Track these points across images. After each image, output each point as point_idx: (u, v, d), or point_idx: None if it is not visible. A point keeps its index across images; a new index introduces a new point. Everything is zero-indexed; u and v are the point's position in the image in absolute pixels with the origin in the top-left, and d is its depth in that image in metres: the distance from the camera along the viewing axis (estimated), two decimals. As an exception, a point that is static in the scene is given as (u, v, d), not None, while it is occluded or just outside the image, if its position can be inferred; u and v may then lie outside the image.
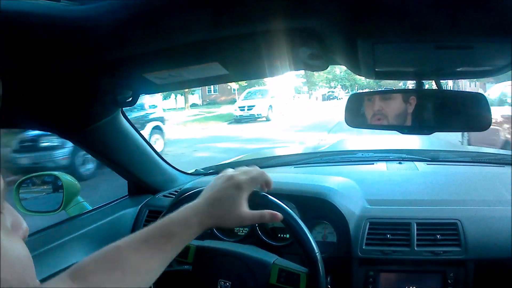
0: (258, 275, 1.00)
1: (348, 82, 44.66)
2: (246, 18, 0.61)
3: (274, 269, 1.00)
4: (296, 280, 0.97)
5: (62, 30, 0.60)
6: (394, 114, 0.88)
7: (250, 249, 1.09)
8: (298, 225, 0.94)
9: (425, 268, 1.08)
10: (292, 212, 0.94)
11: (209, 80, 0.97)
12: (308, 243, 0.93)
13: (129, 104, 1.09)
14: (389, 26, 0.59)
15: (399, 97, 0.87)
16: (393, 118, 0.89)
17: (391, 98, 0.88)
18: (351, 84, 45.39)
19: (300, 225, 0.94)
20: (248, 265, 1.02)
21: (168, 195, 1.49)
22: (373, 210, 1.20)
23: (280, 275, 0.99)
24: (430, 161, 1.62)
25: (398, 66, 0.87)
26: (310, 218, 1.18)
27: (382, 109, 0.88)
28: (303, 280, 0.96)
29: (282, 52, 0.78)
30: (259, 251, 1.09)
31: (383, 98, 0.90)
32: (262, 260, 1.02)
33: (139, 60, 0.78)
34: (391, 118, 0.89)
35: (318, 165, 1.70)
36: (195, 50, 0.75)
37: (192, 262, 1.07)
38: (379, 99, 0.89)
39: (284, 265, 1.00)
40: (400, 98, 0.87)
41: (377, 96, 0.91)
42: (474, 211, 1.16)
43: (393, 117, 0.88)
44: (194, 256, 1.07)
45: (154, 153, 1.45)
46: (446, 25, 0.56)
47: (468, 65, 0.84)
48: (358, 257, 1.11)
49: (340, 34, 0.65)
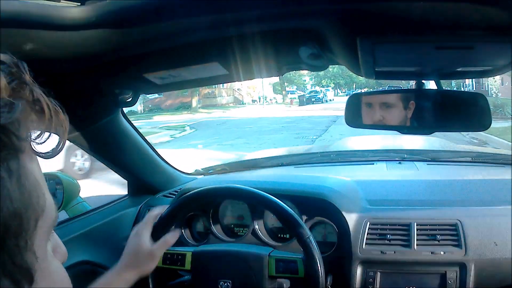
0: (257, 270, 1.01)
1: (343, 79, 38.10)
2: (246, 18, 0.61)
3: (271, 261, 1.01)
4: (294, 268, 0.99)
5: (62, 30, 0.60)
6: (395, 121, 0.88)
7: (244, 246, 1.10)
8: (283, 208, 0.97)
9: (425, 268, 1.08)
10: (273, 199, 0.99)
11: (209, 80, 0.97)
12: (297, 226, 0.95)
13: (129, 104, 1.09)
14: (389, 26, 0.59)
15: (400, 105, 0.87)
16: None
17: (392, 106, 0.88)
18: (347, 82, 38.92)
19: (283, 208, 0.97)
20: (245, 262, 1.03)
21: (168, 195, 1.49)
22: (373, 210, 1.20)
23: (277, 265, 1.00)
24: (430, 161, 1.62)
25: (398, 66, 0.87)
26: (310, 218, 1.19)
27: (383, 118, 0.89)
28: (301, 265, 0.98)
29: (282, 52, 0.78)
30: (253, 246, 1.10)
31: (384, 106, 0.90)
32: (258, 254, 1.04)
33: (139, 60, 0.78)
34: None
35: (318, 165, 1.70)
36: (195, 50, 0.75)
37: (190, 269, 1.07)
38: (379, 108, 0.89)
39: (280, 256, 1.01)
40: (400, 105, 0.87)
41: (377, 105, 0.90)
42: (474, 211, 1.16)
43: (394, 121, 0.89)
44: (191, 263, 1.07)
45: (154, 153, 1.45)
46: (446, 25, 0.56)
47: (468, 65, 0.84)
48: (358, 257, 1.11)
49: (340, 34, 0.65)
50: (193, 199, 1.10)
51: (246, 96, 32.74)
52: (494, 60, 0.77)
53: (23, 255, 0.29)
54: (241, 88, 32.58)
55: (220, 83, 1.13)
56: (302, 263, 0.98)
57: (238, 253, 1.05)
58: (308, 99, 30.10)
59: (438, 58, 0.76)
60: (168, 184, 1.55)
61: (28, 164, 0.31)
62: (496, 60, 0.76)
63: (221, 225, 1.32)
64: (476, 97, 0.83)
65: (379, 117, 0.89)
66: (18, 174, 0.29)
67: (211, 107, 27.04)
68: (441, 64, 0.82)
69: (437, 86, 0.87)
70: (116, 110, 1.18)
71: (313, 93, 32.60)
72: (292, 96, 33.06)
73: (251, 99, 31.09)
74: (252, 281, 1.00)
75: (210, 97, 29.74)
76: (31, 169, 0.31)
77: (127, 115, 1.26)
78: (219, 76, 0.91)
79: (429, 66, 0.83)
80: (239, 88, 32.43)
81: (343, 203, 1.19)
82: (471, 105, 0.83)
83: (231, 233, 1.30)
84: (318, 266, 0.95)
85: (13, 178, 0.29)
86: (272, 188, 1.18)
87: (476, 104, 0.82)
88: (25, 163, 0.30)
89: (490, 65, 0.80)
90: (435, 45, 0.66)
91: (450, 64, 0.82)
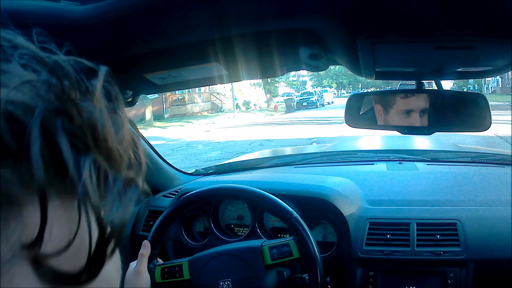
0: (253, 262, 1.02)
1: (346, 78, 34.10)
2: (246, 18, 0.61)
3: (264, 250, 1.02)
4: (287, 250, 1.00)
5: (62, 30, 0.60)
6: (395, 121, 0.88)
7: (236, 243, 1.11)
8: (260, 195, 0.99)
9: (425, 268, 1.08)
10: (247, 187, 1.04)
11: (209, 80, 0.97)
12: (281, 209, 0.96)
13: (129, 104, 1.09)
14: (389, 26, 0.59)
15: (418, 110, 0.87)
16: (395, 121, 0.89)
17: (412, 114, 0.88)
18: (351, 82, 34.91)
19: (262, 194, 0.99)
20: (240, 257, 1.03)
21: (168, 195, 1.49)
22: (373, 210, 1.20)
23: (272, 253, 1.01)
24: (430, 161, 1.62)
25: (398, 66, 0.87)
26: (310, 218, 1.18)
27: (384, 119, 0.89)
28: (294, 246, 0.99)
29: (282, 52, 0.78)
30: (244, 242, 1.11)
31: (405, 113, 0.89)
32: (250, 247, 1.05)
33: (139, 60, 0.78)
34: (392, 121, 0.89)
35: (318, 165, 1.70)
36: (195, 50, 0.75)
37: (189, 278, 1.07)
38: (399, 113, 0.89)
39: (271, 243, 1.03)
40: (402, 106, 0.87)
41: (398, 110, 0.90)
42: (474, 211, 1.16)
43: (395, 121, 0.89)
44: (189, 272, 1.08)
45: (154, 153, 1.45)
46: (446, 25, 0.56)
47: (468, 65, 0.84)
48: (358, 257, 1.11)
49: (340, 34, 0.65)
50: (193, 199, 1.10)
51: (230, 101, 25.24)
52: (494, 60, 0.77)
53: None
54: (224, 92, 26.35)
55: (220, 83, 1.12)
56: (294, 244, 1.00)
57: (231, 251, 1.06)
58: (299, 104, 23.80)
59: (438, 58, 0.76)
60: (168, 184, 1.55)
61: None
62: (496, 60, 0.76)
63: (221, 225, 1.32)
64: (476, 97, 0.83)
65: (392, 121, 0.89)
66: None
67: (178, 118, 20.83)
68: (441, 64, 0.82)
69: (437, 86, 0.87)
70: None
71: (306, 96, 25.43)
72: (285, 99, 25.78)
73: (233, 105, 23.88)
74: (251, 274, 1.01)
75: (180, 104, 23.04)
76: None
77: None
78: (219, 76, 0.91)
79: (429, 66, 0.83)
80: (219, 93, 26.18)
81: (343, 203, 1.19)
82: (471, 106, 0.83)
83: (231, 233, 1.30)
84: (309, 242, 0.97)
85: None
86: (272, 188, 1.18)
87: (476, 104, 0.82)
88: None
89: (490, 65, 0.80)
90: (435, 45, 0.66)
91: (450, 64, 0.82)
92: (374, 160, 1.66)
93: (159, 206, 1.42)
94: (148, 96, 15.60)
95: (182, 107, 23.23)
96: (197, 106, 24.48)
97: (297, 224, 0.99)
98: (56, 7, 0.59)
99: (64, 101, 0.19)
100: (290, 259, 1.00)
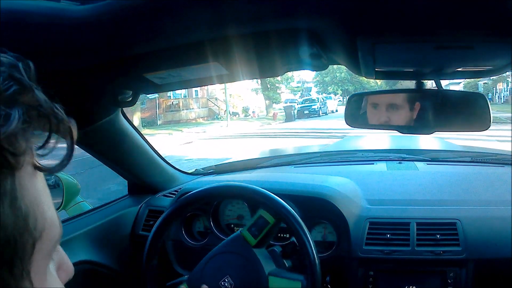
0: (240, 250, 1.05)
1: (352, 85, 33.18)
2: (246, 18, 0.61)
3: (245, 234, 1.06)
4: (263, 221, 1.05)
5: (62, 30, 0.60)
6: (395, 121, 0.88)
7: (220, 244, 1.11)
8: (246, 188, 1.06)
9: (425, 268, 1.08)
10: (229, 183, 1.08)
11: (209, 80, 0.97)
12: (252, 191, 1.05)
13: (129, 104, 1.09)
14: (389, 26, 0.59)
15: (406, 106, 0.87)
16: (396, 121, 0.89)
17: (398, 108, 0.89)
18: (357, 88, 32.53)
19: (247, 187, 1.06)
20: (228, 251, 1.06)
21: (168, 195, 1.49)
22: (373, 210, 1.20)
23: (252, 232, 1.05)
24: (430, 161, 1.62)
25: (398, 66, 0.87)
26: (310, 218, 1.18)
27: (389, 120, 0.89)
28: (266, 214, 1.05)
29: (282, 52, 0.78)
30: (226, 238, 1.12)
31: (390, 107, 0.90)
32: (232, 237, 1.08)
33: (139, 60, 0.78)
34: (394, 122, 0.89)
35: (318, 165, 1.70)
36: (195, 50, 0.75)
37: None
38: (386, 109, 0.90)
39: (248, 225, 1.06)
40: (407, 107, 0.87)
41: (383, 106, 0.90)
42: (474, 210, 1.16)
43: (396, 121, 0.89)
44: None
45: (154, 153, 1.45)
46: (446, 25, 0.56)
47: (468, 65, 0.84)
48: (358, 257, 1.11)
49: (340, 34, 0.65)
50: (193, 199, 1.10)
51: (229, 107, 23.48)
52: (494, 60, 0.77)
53: (18, 285, 0.27)
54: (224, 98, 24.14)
55: (220, 83, 1.12)
56: (266, 212, 1.05)
57: (218, 250, 1.08)
58: (300, 112, 21.99)
59: (438, 58, 0.76)
60: (168, 184, 1.55)
61: (26, 181, 0.27)
62: (496, 60, 0.76)
63: (221, 225, 1.32)
64: (476, 97, 0.83)
65: (385, 118, 0.90)
66: (12, 196, 0.26)
67: (172, 125, 19.58)
68: (441, 64, 0.82)
69: (437, 86, 0.87)
70: (116, 110, 1.18)
71: (307, 103, 23.46)
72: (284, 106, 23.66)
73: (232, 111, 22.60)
74: (243, 262, 1.03)
75: (174, 110, 21.73)
76: (30, 186, 0.27)
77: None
78: (219, 76, 0.91)
79: (429, 66, 0.83)
80: (217, 98, 24.95)
81: (343, 203, 1.19)
82: (472, 105, 0.83)
83: (231, 233, 1.30)
84: (282, 208, 1.02)
85: (6, 201, 0.25)
86: (272, 188, 1.18)
87: (476, 104, 0.82)
88: (22, 181, 0.27)
89: (490, 65, 0.80)
90: (435, 45, 0.66)
91: (450, 64, 0.82)
92: (374, 160, 1.66)
93: (159, 205, 1.42)
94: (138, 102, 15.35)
95: (177, 113, 21.95)
96: (192, 112, 23.15)
97: (264, 193, 1.05)
98: (56, 7, 0.59)
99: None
100: (268, 227, 1.04)
